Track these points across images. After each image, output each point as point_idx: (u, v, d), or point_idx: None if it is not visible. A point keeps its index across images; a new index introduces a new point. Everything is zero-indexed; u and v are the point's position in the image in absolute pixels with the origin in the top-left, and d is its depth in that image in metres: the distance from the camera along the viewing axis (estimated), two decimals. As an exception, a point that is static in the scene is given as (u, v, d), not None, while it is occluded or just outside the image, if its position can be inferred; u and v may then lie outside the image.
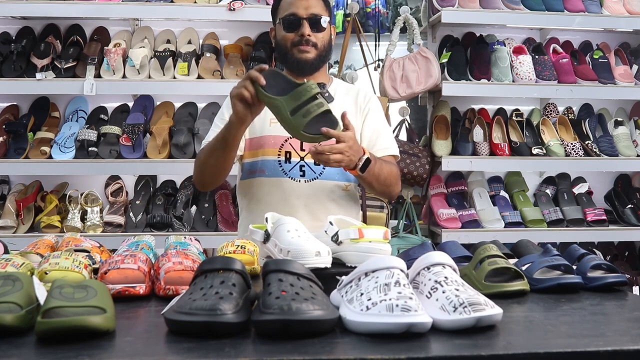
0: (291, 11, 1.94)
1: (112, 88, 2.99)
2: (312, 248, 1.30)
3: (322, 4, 1.98)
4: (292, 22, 1.94)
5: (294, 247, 1.31)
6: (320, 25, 1.95)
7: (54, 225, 2.88)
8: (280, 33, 1.98)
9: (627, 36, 3.59)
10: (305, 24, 1.93)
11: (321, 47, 1.96)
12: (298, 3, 1.94)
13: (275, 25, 2.03)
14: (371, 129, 2.01)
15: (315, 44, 1.95)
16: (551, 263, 1.42)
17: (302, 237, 1.35)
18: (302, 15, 1.93)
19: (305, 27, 1.93)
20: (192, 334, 0.99)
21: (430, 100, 3.42)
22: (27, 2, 2.94)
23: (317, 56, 1.96)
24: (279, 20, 1.99)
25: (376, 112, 2.06)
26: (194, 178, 2.01)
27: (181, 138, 2.94)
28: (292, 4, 1.95)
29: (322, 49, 1.97)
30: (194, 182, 2.02)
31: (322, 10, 1.97)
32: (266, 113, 1.79)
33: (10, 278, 1.06)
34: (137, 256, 1.33)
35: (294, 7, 1.94)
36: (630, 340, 1.01)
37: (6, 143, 2.95)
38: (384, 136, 2.03)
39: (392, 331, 0.99)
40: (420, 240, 3.00)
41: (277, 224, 1.39)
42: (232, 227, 2.94)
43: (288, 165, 1.96)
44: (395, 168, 1.97)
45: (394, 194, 1.98)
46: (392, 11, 4.09)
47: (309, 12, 1.94)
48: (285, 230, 1.36)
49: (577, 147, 3.21)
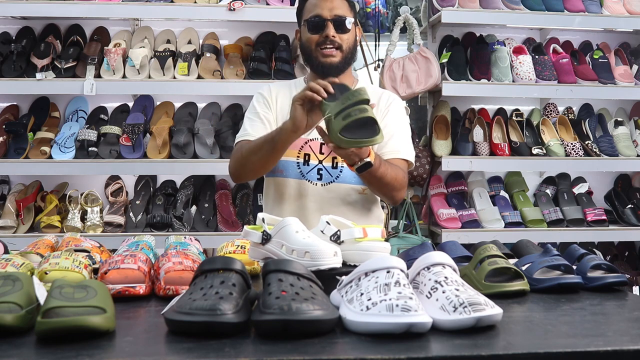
0: (315, 12, 1.94)
1: (112, 88, 2.99)
2: (329, 248, 1.29)
3: (347, 5, 1.98)
4: (316, 23, 1.94)
5: (312, 247, 1.28)
6: (344, 26, 1.94)
7: (54, 225, 2.88)
8: (305, 35, 1.98)
9: (627, 36, 3.59)
10: (329, 25, 1.92)
11: (346, 48, 1.96)
12: (322, 4, 1.94)
13: (300, 27, 2.03)
14: (385, 131, 2.00)
15: (340, 45, 1.94)
16: (551, 263, 1.42)
17: (312, 237, 1.34)
18: (327, 17, 1.93)
19: (330, 29, 1.92)
20: (192, 334, 0.99)
21: (430, 100, 3.42)
22: (27, 2, 2.94)
23: (342, 59, 1.96)
24: (303, 22, 1.99)
25: (395, 115, 2.04)
26: (230, 169, 2.00)
27: (181, 138, 2.94)
28: (316, 5, 1.95)
29: (347, 51, 1.97)
30: (230, 173, 2.00)
31: (346, 11, 1.96)
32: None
33: (10, 278, 1.06)
34: (137, 256, 1.34)
35: (318, 9, 1.94)
36: (630, 340, 1.01)
37: (6, 143, 2.95)
38: (396, 139, 1.99)
39: (392, 331, 0.99)
40: (420, 240, 3.00)
41: (281, 225, 1.37)
42: (232, 227, 2.94)
43: (306, 167, 1.97)
44: (402, 174, 1.92)
45: (396, 198, 1.96)
46: (392, 11, 4.09)
47: (333, 13, 1.93)
48: (293, 231, 1.34)
49: (577, 147, 3.21)
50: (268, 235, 1.38)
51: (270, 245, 1.38)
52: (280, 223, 1.38)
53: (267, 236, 1.38)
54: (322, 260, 1.26)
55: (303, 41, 2.00)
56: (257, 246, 1.40)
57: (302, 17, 2.02)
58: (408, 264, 1.15)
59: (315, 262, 1.26)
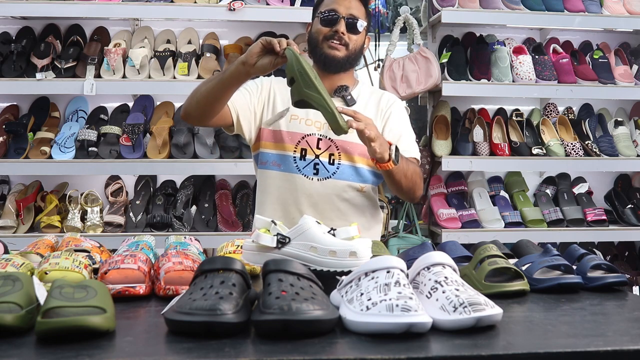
0: (332, 7, 1.97)
1: (112, 88, 2.99)
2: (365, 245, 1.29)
3: (364, 10, 2.01)
4: (330, 17, 1.96)
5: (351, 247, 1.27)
6: (356, 27, 1.97)
7: (54, 225, 2.88)
8: (316, 26, 2.00)
9: (627, 36, 3.59)
10: (342, 22, 1.95)
11: (352, 49, 1.98)
12: (341, 1, 1.97)
13: (313, 20, 2.05)
14: (392, 133, 2.01)
15: (347, 44, 1.96)
16: (551, 263, 1.42)
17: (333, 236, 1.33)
18: (341, 14, 1.95)
19: (341, 25, 1.95)
20: (192, 334, 0.99)
21: (430, 100, 3.42)
22: (27, 2, 2.93)
23: (346, 56, 1.97)
24: (317, 14, 2.01)
25: (398, 116, 2.06)
26: (183, 106, 1.93)
27: (181, 138, 2.94)
28: (334, 1, 1.98)
29: (353, 51, 1.99)
30: (183, 109, 1.92)
31: (361, 14, 1.99)
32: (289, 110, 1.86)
33: (10, 278, 1.06)
34: (137, 256, 1.33)
35: (335, 4, 1.97)
36: (630, 340, 1.01)
37: (6, 143, 2.95)
38: (404, 139, 2.01)
39: (392, 331, 0.99)
40: (420, 240, 3.00)
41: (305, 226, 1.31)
42: (232, 227, 2.94)
43: (303, 162, 1.98)
44: (419, 168, 1.97)
45: (418, 194, 1.97)
46: (392, 11, 4.09)
47: (348, 12, 1.96)
48: (321, 231, 1.31)
49: (577, 147, 3.21)
50: (287, 238, 1.32)
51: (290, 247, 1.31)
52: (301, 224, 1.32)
53: (284, 239, 1.31)
54: (362, 259, 1.25)
55: (312, 32, 2.02)
56: (268, 250, 1.31)
57: (317, 10, 2.03)
58: (408, 264, 1.15)
59: (358, 261, 1.25)
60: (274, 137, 2.01)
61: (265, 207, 2.02)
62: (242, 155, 2.98)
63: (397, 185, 1.88)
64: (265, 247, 1.31)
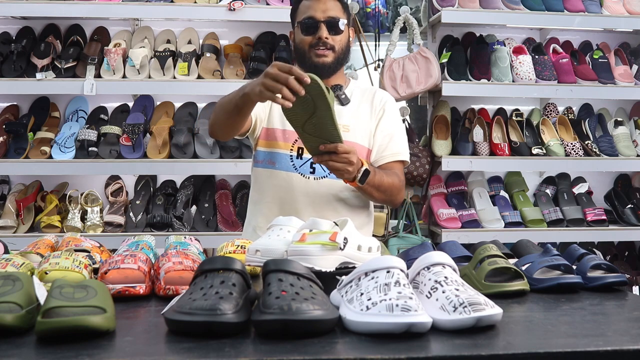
0: (309, 14, 1.96)
1: (112, 88, 2.99)
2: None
3: (340, 6, 2.00)
4: (309, 25, 1.95)
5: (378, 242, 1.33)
6: (337, 27, 1.96)
7: (54, 225, 2.88)
8: (299, 36, 1.99)
9: (627, 36, 3.59)
10: (322, 27, 1.94)
11: (339, 49, 1.98)
12: (315, 6, 1.96)
13: (294, 28, 2.04)
14: (384, 133, 2.02)
15: (333, 46, 1.96)
16: (551, 263, 1.42)
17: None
18: (320, 19, 1.94)
19: (323, 30, 1.94)
20: (192, 334, 0.99)
21: (430, 100, 3.41)
22: (27, 2, 2.94)
23: (334, 59, 1.97)
24: (297, 24, 2.00)
25: (391, 115, 2.06)
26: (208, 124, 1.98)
27: (181, 138, 2.94)
28: (309, 7, 1.97)
29: (340, 52, 1.98)
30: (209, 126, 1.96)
31: (339, 12, 1.98)
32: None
33: (10, 278, 1.06)
34: (137, 256, 1.33)
35: (311, 10, 1.96)
36: (630, 340, 1.01)
37: (6, 143, 2.95)
38: (395, 141, 2.02)
39: (392, 331, 0.99)
40: (420, 240, 2.99)
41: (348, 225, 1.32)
42: (232, 227, 2.94)
43: (299, 161, 1.97)
44: (398, 179, 1.96)
45: (396, 202, 2.01)
46: (392, 11, 4.09)
47: (326, 15, 1.95)
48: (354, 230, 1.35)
49: (577, 147, 3.21)
50: (346, 239, 1.28)
51: (349, 248, 1.28)
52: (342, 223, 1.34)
53: (346, 240, 1.28)
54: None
55: (297, 42, 2.01)
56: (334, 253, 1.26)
57: (295, 18, 2.03)
58: (408, 264, 1.15)
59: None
60: (267, 136, 2.01)
61: (261, 206, 2.01)
62: (242, 155, 2.98)
63: (369, 197, 1.94)
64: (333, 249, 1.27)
